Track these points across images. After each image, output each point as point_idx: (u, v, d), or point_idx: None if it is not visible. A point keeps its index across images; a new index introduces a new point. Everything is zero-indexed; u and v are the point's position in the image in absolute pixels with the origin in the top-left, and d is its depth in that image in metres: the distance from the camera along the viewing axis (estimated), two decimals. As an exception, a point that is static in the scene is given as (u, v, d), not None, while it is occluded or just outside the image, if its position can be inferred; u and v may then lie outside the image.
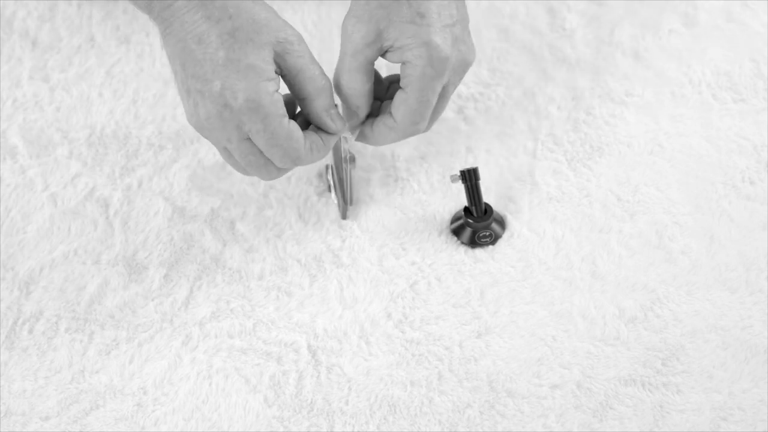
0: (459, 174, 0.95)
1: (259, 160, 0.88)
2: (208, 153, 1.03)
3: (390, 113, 0.91)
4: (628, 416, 0.86)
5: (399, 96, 0.90)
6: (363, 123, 0.93)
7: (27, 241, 0.98)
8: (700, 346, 0.90)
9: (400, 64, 0.89)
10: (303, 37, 0.88)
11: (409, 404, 0.88)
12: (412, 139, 1.04)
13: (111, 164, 1.03)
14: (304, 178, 1.02)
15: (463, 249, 0.96)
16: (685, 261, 0.95)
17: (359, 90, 0.90)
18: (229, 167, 1.02)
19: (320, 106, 0.88)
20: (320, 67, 0.88)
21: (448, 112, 1.06)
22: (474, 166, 0.98)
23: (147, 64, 1.11)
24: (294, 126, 0.87)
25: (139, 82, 1.10)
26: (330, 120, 0.89)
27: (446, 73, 0.89)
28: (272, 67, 0.85)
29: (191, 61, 0.85)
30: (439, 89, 0.89)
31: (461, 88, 1.08)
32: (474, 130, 1.05)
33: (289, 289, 0.95)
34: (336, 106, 0.90)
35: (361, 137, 0.94)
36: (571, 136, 1.04)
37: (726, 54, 1.10)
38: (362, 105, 0.91)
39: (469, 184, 0.95)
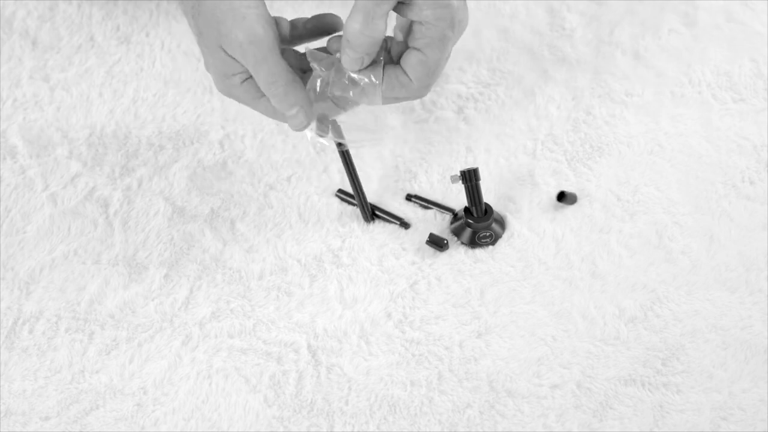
0: (459, 174, 0.95)
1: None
2: (208, 153, 1.04)
3: (403, 70, 0.88)
4: (628, 416, 0.86)
5: (415, 56, 0.87)
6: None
7: (27, 241, 0.98)
8: (700, 346, 0.90)
9: (411, 20, 0.86)
10: (260, 35, 0.84)
11: (409, 404, 0.88)
12: (412, 139, 1.04)
13: (111, 164, 1.03)
14: (303, 178, 1.02)
15: (463, 249, 0.96)
16: (685, 261, 0.95)
17: (377, 39, 0.86)
18: (229, 167, 1.03)
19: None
20: (266, 75, 0.85)
21: (448, 112, 1.06)
22: (474, 166, 0.98)
23: (147, 64, 1.11)
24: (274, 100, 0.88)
25: (139, 82, 1.10)
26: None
27: (460, 35, 0.87)
28: (234, 64, 0.86)
29: None
30: (450, 51, 0.88)
31: (461, 88, 1.08)
32: (474, 130, 1.05)
33: (289, 289, 0.95)
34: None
35: (361, 94, 0.90)
36: (571, 136, 1.04)
37: (726, 54, 1.10)
38: (372, 54, 0.87)
39: (469, 184, 0.95)
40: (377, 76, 0.88)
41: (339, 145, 0.94)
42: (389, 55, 0.89)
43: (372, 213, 0.98)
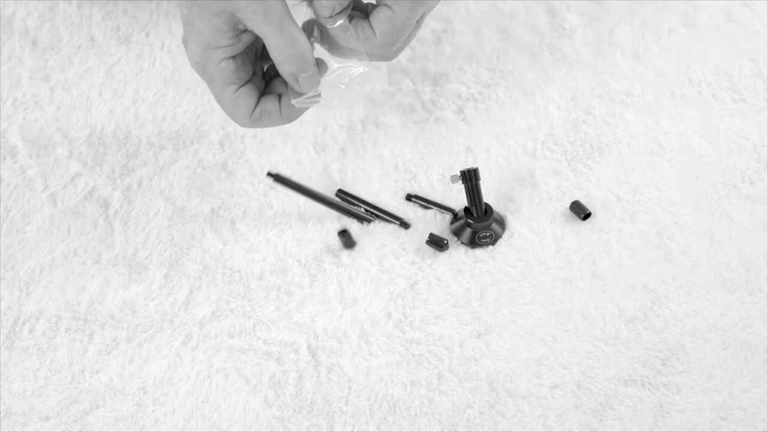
0: (459, 174, 0.95)
1: None
2: (208, 153, 1.04)
3: (369, 24, 0.87)
4: (628, 416, 0.86)
5: (383, 12, 0.86)
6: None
7: (27, 241, 0.98)
8: (700, 346, 0.90)
9: None
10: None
11: (409, 404, 0.88)
12: (412, 139, 1.04)
13: (111, 164, 1.03)
14: (304, 178, 1.02)
15: (463, 249, 0.96)
16: (685, 261, 0.95)
17: None
18: (229, 167, 1.03)
19: (285, 71, 0.86)
20: (289, 32, 0.84)
21: (448, 112, 1.06)
22: (474, 166, 0.98)
23: (147, 64, 1.11)
24: (241, 95, 0.87)
25: (139, 82, 1.10)
26: (296, 85, 0.87)
27: (435, 2, 0.87)
28: (226, 35, 0.84)
29: None
30: (420, 15, 0.87)
31: (461, 88, 1.08)
32: (474, 130, 1.05)
33: (289, 289, 0.95)
34: (313, 68, 0.86)
35: (325, 40, 0.89)
36: (571, 136, 1.04)
37: (726, 54, 1.10)
38: (344, 3, 0.87)
39: (469, 184, 0.95)
40: (343, 19, 0.87)
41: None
42: (363, 14, 0.88)
43: (371, 213, 0.98)
